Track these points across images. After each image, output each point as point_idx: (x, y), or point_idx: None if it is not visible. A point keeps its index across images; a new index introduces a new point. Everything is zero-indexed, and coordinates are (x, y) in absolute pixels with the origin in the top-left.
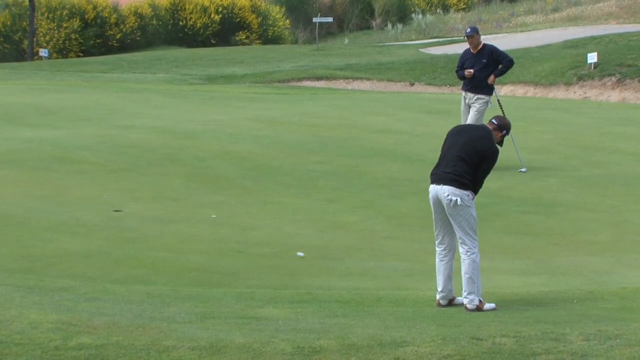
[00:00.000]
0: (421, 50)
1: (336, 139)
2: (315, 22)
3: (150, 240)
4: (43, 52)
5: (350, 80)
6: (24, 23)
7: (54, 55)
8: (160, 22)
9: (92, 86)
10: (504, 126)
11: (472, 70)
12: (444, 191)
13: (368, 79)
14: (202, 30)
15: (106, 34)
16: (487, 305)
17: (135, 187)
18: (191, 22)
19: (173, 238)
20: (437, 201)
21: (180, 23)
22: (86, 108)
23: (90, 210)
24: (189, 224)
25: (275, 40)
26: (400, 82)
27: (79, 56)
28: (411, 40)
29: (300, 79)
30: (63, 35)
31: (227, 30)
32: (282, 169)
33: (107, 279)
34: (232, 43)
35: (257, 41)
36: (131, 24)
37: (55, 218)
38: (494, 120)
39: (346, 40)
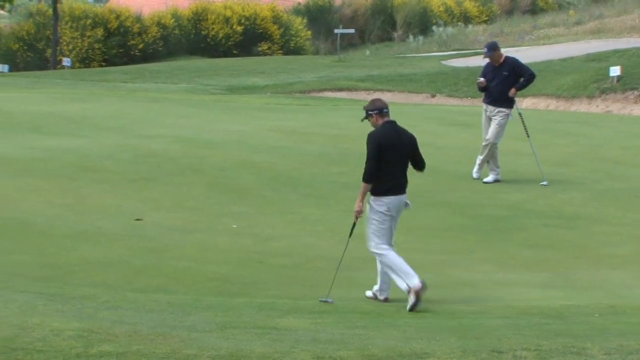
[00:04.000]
0: (443, 62)
1: (357, 150)
2: (337, 33)
3: (171, 249)
4: (66, 61)
5: (372, 91)
6: (48, 32)
7: (77, 64)
8: (183, 32)
9: (114, 95)
10: (375, 108)
11: (482, 80)
12: (404, 198)
13: (389, 91)
14: (224, 41)
15: (129, 43)
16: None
17: (156, 197)
18: (213, 33)
19: (193, 247)
20: (396, 210)
21: (203, 33)
22: (108, 117)
23: (112, 219)
24: (209, 233)
25: (297, 51)
26: (421, 93)
27: (101, 65)
28: (432, 52)
29: (321, 90)
30: (86, 44)
31: (249, 41)
32: (303, 179)
33: (128, 288)
34: (254, 53)
35: (279, 52)
36: (153, 34)
37: (76, 227)
38: (370, 112)
39: (367, 51)
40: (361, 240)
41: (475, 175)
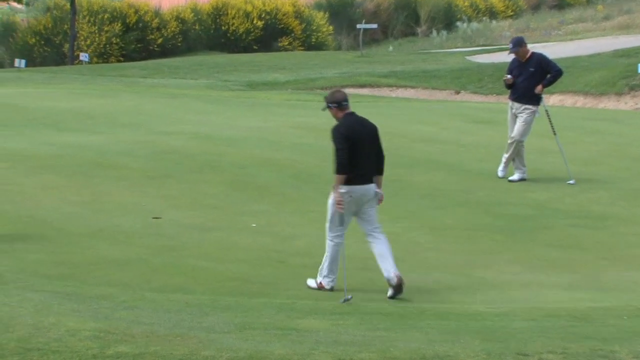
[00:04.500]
0: (467, 58)
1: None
2: (359, 29)
3: (190, 248)
4: (83, 56)
5: (394, 87)
6: (65, 26)
7: (95, 59)
8: (202, 27)
9: (132, 91)
10: (334, 101)
11: (509, 77)
12: (371, 188)
13: (412, 87)
14: (244, 36)
15: (147, 38)
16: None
17: (174, 194)
18: (233, 28)
19: (212, 246)
20: (359, 200)
21: (223, 28)
22: (126, 113)
23: (129, 217)
24: (228, 232)
25: (318, 46)
26: (445, 90)
27: (119, 61)
28: (457, 47)
29: (343, 86)
30: (104, 39)
31: (269, 36)
32: (324, 177)
33: (145, 287)
34: (275, 49)
35: (300, 47)
36: (173, 29)
37: (93, 224)
38: (329, 105)
39: (390, 47)
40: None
41: (500, 173)
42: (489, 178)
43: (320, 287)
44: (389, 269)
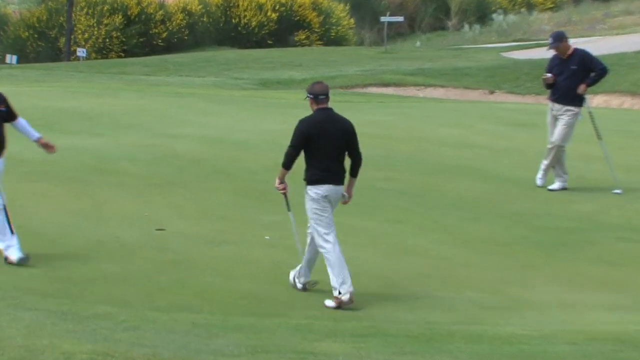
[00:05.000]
0: (502, 54)
1: (405, 153)
2: (384, 22)
3: (197, 263)
4: (81, 52)
5: (422, 87)
6: (61, 19)
7: (93, 55)
8: (211, 20)
9: (134, 90)
10: (312, 92)
11: (549, 75)
12: (340, 190)
13: (442, 86)
14: (257, 30)
15: (151, 32)
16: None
17: (180, 203)
18: (245, 20)
19: (222, 261)
20: (335, 200)
21: (233, 21)
22: (127, 114)
23: (131, 229)
24: (239, 245)
25: (338, 41)
26: (478, 89)
27: (120, 56)
28: (491, 42)
29: (365, 85)
30: (103, 33)
31: (284, 30)
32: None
33: (148, 306)
34: (290, 44)
35: (318, 42)
36: (178, 22)
37: (92, 236)
38: (307, 95)
39: (418, 42)
40: (411, 254)
41: (539, 182)
42: (527, 187)
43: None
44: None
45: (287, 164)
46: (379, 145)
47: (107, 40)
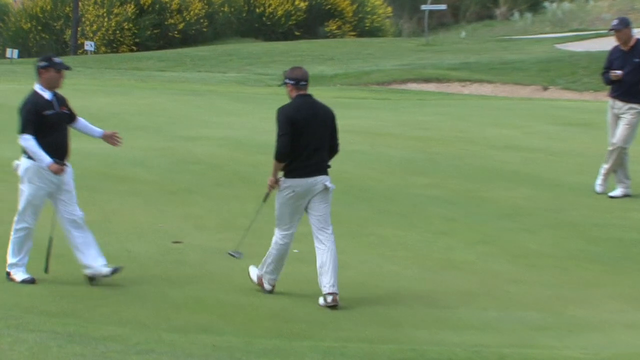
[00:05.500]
0: (557, 46)
1: (449, 156)
2: (425, 10)
3: (217, 278)
4: (89, 45)
5: (467, 83)
6: (67, 9)
7: (102, 48)
8: (233, 10)
9: (147, 87)
10: (292, 77)
11: (619, 73)
12: (319, 180)
13: (489, 82)
14: (283, 20)
15: (166, 23)
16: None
17: (199, 213)
18: (270, 10)
19: (245, 277)
20: (304, 194)
21: (257, 10)
22: (140, 114)
23: (144, 241)
24: (261, 258)
25: (374, 32)
26: (530, 85)
27: (132, 50)
28: (544, 33)
29: (404, 81)
30: (113, 24)
31: (314, 20)
32: (381, 192)
33: (163, 327)
34: (321, 35)
35: (351, 33)
36: (196, 12)
37: (102, 249)
38: (286, 81)
39: (463, 32)
40: (456, 269)
41: (599, 188)
42: (585, 194)
43: (260, 284)
44: (325, 285)
45: (282, 155)
46: (419, 148)
47: (118, 32)
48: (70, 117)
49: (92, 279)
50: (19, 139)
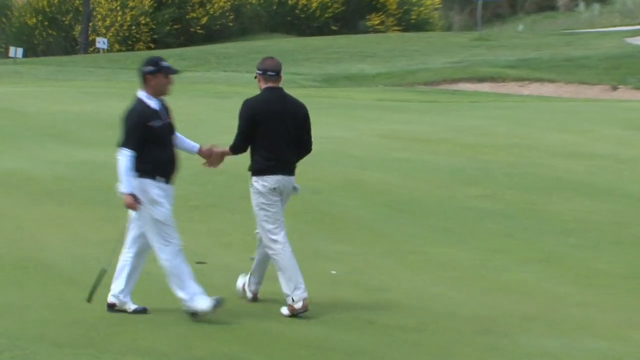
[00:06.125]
0: (627, 40)
1: (505, 165)
2: (478, 1)
3: (245, 303)
4: (101, 42)
5: (526, 82)
6: (77, 2)
7: (116, 46)
8: (261, 2)
9: None
10: (261, 68)
11: None
12: (292, 181)
13: (551, 81)
14: (318, 12)
15: (187, 17)
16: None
17: (224, 229)
18: (304, 2)
19: (277, 301)
20: (281, 192)
21: (289, 2)
22: None
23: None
24: None
25: (421, 26)
26: (597, 85)
27: (149, 48)
28: (613, 26)
29: (455, 81)
30: (128, 18)
31: (353, 13)
32: (428, 206)
33: (186, 357)
34: (361, 30)
35: (395, 27)
36: (221, 4)
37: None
38: (257, 72)
39: (520, 25)
40: (513, 291)
41: None
42: None
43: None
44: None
45: (235, 149)
46: (472, 155)
47: (134, 27)
48: (173, 128)
49: (195, 315)
50: (117, 152)
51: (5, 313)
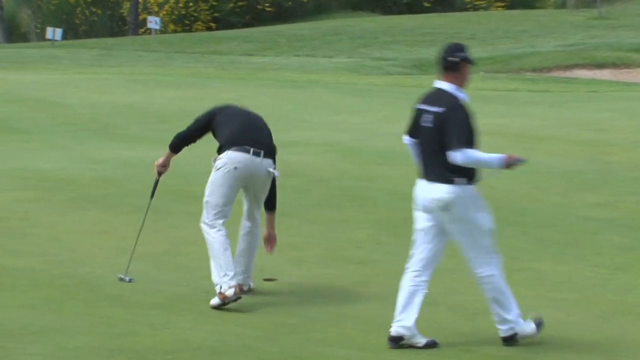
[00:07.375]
0: None
1: (629, 167)
2: None
3: (321, 327)
4: (153, 22)
5: None
6: None
7: (171, 26)
8: None
9: (230, 77)
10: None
11: None
12: (263, 163)
13: None
14: None
15: None
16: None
17: (297, 242)
18: None
19: (359, 326)
20: (246, 174)
21: None
22: None
23: None
24: (384, 302)
25: (529, 2)
26: None
27: (209, 29)
28: None
29: (569, 67)
30: None
31: None
32: (537, 214)
33: None
34: (458, 7)
35: (499, 4)
36: None
37: (169, 290)
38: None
39: None
40: (634, 317)
41: None
42: None
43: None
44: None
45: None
46: (590, 155)
47: (191, 4)
48: None
49: (509, 339)
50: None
51: (43, 338)
